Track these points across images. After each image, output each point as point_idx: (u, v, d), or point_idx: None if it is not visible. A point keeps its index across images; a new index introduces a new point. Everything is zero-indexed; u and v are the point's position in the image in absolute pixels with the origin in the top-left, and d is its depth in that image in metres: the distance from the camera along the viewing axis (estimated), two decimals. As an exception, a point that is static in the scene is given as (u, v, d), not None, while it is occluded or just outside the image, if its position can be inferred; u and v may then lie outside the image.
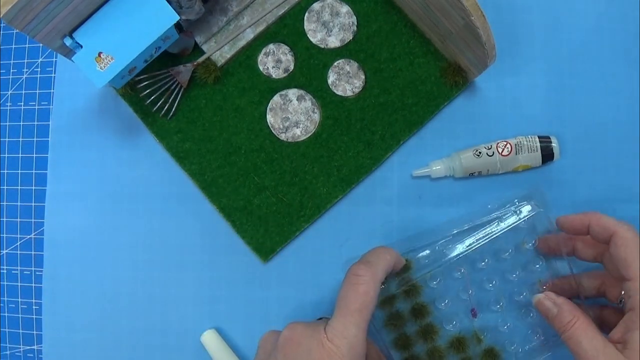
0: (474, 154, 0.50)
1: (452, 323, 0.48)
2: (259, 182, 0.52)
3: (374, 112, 0.52)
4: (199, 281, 0.52)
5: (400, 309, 0.48)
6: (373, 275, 0.39)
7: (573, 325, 0.40)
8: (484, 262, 0.48)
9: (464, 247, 0.47)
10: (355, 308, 0.38)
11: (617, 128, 0.53)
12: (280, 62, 0.53)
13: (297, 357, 0.37)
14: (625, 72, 0.54)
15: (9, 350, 0.65)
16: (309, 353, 0.37)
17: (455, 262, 0.47)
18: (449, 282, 0.48)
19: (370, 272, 0.39)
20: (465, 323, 0.48)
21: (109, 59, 0.45)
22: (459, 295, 0.48)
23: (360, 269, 0.39)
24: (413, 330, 0.48)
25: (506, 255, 0.48)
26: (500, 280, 0.49)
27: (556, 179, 0.52)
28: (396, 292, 0.48)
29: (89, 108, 0.53)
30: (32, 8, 0.39)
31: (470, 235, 0.47)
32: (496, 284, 0.48)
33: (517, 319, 0.49)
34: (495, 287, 0.48)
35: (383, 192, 0.52)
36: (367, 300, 0.38)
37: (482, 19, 0.44)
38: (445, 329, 0.48)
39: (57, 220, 0.53)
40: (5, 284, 0.68)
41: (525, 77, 0.54)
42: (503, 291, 0.49)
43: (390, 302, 0.48)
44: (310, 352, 0.37)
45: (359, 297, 0.38)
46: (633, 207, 0.52)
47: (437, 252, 0.47)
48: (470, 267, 0.49)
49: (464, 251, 0.46)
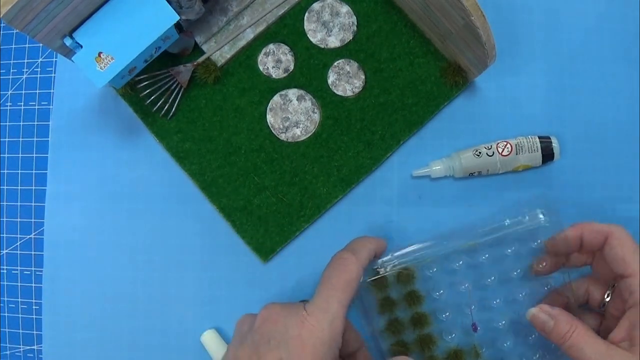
0: (474, 154, 0.50)
1: (452, 335, 0.48)
2: (259, 182, 0.52)
3: (374, 112, 0.52)
4: (199, 281, 0.52)
5: (400, 316, 0.48)
6: (357, 260, 0.40)
7: (572, 334, 0.40)
8: (490, 280, 0.47)
9: (470, 260, 0.46)
10: (339, 286, 0.38)
11: (617, 128, 0.53)
12: (280, 62, 0.53)
13: (274, 335, 0.36)
14: (625, 72, 0.54)
15: (9, 350, 0.65)
16: (287, 330, 0.36)
17: (460, 274, 0.47)
18: (452, 295, 0.48)
19: (354, 257, 0.40)
20: (465, 336, 0.48)
21: (109, 59, 0.45)
22: (462, 308, 0.47)
23: (345, 253, 0.41)
24: (411, 338, 0.48)
25: (514, 275, 0.47)
26: (505, 298, 0.48)
27: (556, 179, 0.52)
28: (397, 298, 0.47)
29: (89, 108, 0.53)
30: (32, 8, 0.39)
31: (478, 251, 0.47)
32: (499, 303, 0.47)
33: (519, 337, 0.48)
34: (499, 305, 0.47)
35: (383, 192, 0.52)
36: (350, 279, 0.39)
37: (482, 19, 0.44)
38: (444, 340, 0.48)
39: (57, 220, 0.53)
40: (5, 284, 0.68)
41: (525, 77, 0.54)
42: (507, 309, 0.48)
43: (391, 308, 0.48)
44: (287, 329, 0.36)
45: (342, 276, 0.39)
46: (633, 207, 0.52)
47: (442, 263, 0.47)
48: (475, 281, 0.48)
49: (470, 264, 0.46)
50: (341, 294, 0.38)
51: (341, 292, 0.38)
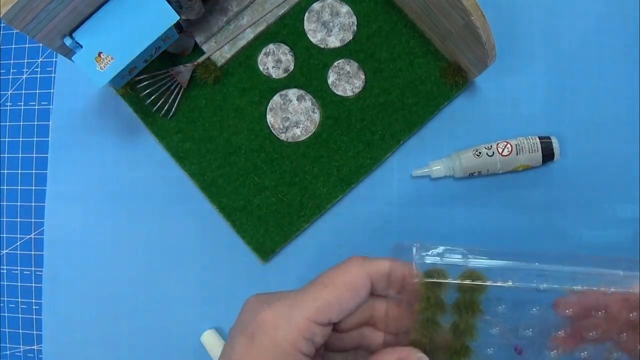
0: (474, 154, 0.50)
1: (491, 349, 0.39)
2: (259, 182, 0.52)
3: (374, 112, 0.52)
4: (199, 281, 0.52)
5: (442, 320, 0.39)
6: (364, 264, 0.34)
7: None
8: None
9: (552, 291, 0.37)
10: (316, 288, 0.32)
11: (617, 128, 0.53)
12: (280, 62, 0.53)
13: (242, 324, 0.33)
14: (625, 72, 0.54)
15: (9, 350, 0.65)
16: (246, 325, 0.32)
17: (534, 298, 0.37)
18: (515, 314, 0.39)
19: (362, 260, 0.34)
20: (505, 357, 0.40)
21: (109, 59, 0.45)
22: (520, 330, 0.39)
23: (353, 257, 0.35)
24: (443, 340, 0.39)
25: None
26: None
27: (556, 179, 0.52)
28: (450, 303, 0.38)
29: (89, 108, 0.53)
30: (32, 8, 0.39)
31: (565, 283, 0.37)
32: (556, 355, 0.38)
33: None
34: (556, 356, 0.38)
35: (383, 192, 0.52)
36: (346, 282, 0.32)
37: (482, 19, 0.44)
38: (484, 351, 0.39)
39: (57, 220, 0.53)
40: (5, 284, 0.68)
41: (525, 77, 0.54)
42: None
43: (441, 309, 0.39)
44: (247, 324, 0.32)
45: (336, 275, 0.33)
46: (633, 207, 0.52)
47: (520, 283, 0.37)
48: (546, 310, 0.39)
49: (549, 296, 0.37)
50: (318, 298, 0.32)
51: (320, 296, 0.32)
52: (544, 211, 0.52)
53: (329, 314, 0.32)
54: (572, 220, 0.52)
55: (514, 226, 0.52)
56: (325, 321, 0.32)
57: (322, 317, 0.32)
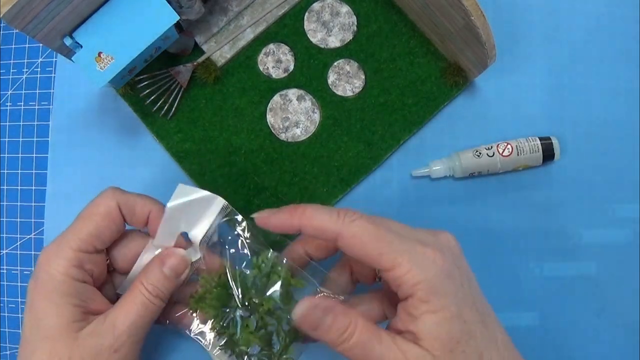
0: (474, 154, 0.50)
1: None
2: (259, 182, 0.52)
3: (374, 112, 0.52)
4: (199, 281, 0.51)
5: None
6: (112, 194, 0.41)
7: (355, 330, 0.33)
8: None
9: None
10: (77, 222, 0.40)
11: (617, 128, 0.53)
12: (280, 62, 0.53)
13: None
14: (625, 72, 0.54)
15: (9, 351, 0.65)
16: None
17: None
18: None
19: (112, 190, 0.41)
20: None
21: (109, 59, 0.45)
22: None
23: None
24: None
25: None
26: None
27: (556, 179, 0.52)
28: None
29: (89, 108, 0.53)
30: (32, 8, 0.39)
31: None
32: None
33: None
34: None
35: (383, 192, 0.52)
36: (91, 214, 0.40)
37: (482, 19, 0.44)
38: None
39: (57, 220, 0.52)
40: (5, 284, 0.68)
41: (525, 77, 0.54)
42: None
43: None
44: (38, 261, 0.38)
45: (88, 210, 0.40)
46: (633, 207, 0.52)
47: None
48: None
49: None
50: (79, 230, 0.38)
51: (81, 228, 0.38)
52: (544, 211, 0.52)
53: (92, 242, 0.38)
54: (572, 220, 0.52)
55: (514, 226, 0.52)
56: (90, 249, 0.39)
57: (86, 246, 0.38)
